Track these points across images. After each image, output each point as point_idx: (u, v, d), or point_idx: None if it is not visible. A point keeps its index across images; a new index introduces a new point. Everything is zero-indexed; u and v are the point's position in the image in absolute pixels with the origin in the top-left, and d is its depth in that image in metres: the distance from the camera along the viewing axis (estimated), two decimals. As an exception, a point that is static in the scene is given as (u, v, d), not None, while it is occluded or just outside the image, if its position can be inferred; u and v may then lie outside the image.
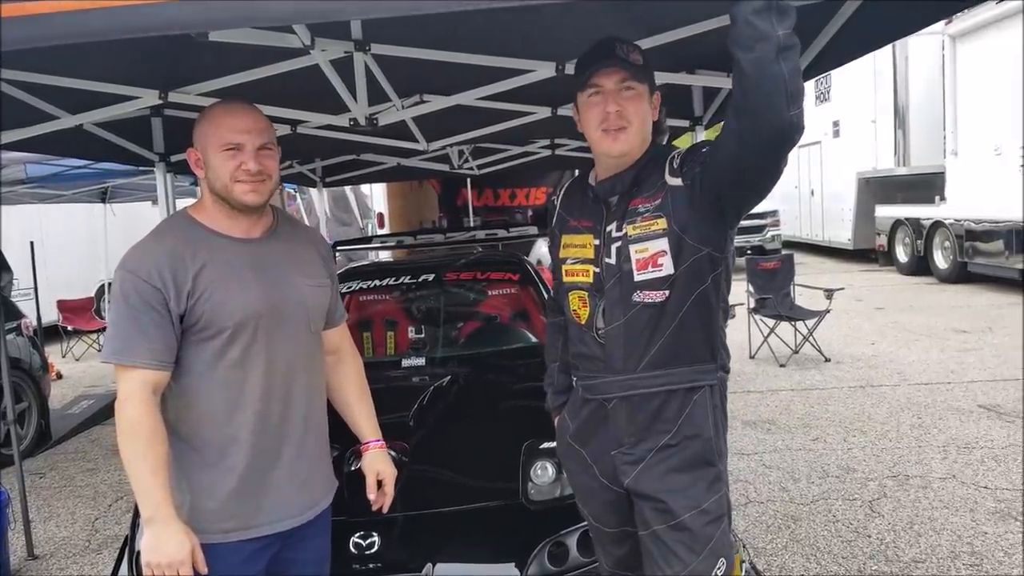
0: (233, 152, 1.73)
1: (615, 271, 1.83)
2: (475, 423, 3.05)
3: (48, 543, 4.15)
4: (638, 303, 1.81)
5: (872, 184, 14.30)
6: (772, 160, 1.58)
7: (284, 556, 1.87)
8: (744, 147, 1.56)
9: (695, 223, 1.76)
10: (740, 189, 1.70)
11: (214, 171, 1.74)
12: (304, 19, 1.55)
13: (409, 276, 4.36)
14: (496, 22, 2.48)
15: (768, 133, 1.51)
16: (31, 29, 1.15)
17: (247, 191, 1.75)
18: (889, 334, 8.29)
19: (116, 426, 1.68)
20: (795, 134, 1.50)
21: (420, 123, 3.74)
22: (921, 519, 3.76)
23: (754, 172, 1.63)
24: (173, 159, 3.95)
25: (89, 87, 2.69)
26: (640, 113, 1.81)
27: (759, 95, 1.46)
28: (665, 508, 1.81)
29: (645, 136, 1.85)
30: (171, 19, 1.07)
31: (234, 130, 1.74)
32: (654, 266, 1.78)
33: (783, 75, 1.44)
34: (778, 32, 1.42)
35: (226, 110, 1.77)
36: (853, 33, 2.38)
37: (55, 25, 1.14)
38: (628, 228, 1.82)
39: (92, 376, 8.75)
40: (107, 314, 1.90)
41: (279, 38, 2.24)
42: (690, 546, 1.79)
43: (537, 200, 13.31)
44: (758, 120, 1.49)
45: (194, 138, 1.77)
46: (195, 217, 1.80)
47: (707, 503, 1.81)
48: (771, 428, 5.29)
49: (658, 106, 1.87)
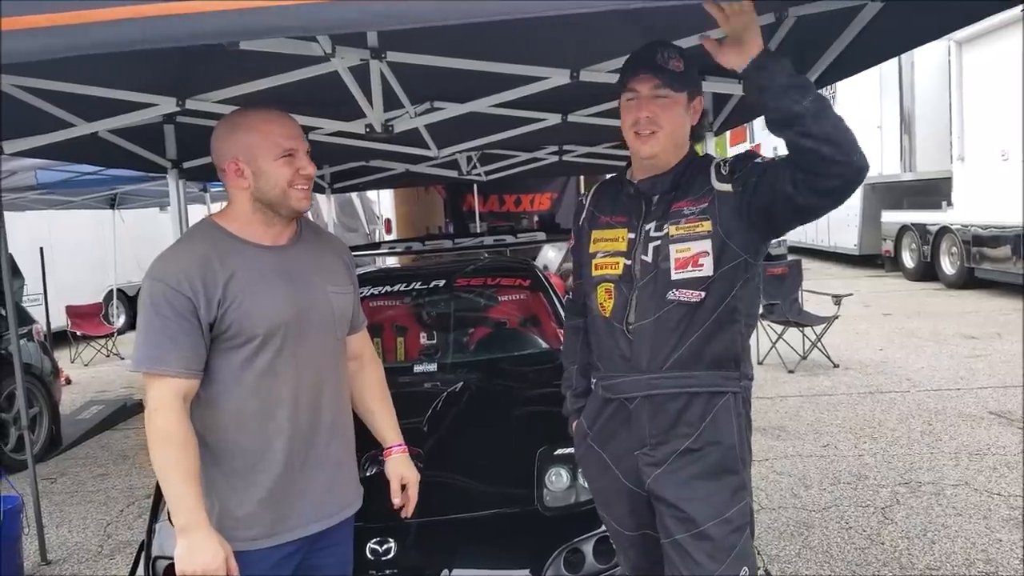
0: (289, 159, 1.75)
1: (650, 268, 1.86)
2: (488, 429, 3.05)
3: (61, 548, 4.16)
4: (672, 301, 1.83)
5: (878, 190, 14.27)
6: (834, 204, 1.67)
7: (308, 563, 1.87)
8: (808, 194, 1.64)
9: (740, 230, 1.81)
10: (792, 218, 1.77)
11: (269, 179, 1.74)
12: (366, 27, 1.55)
13: (420, 282, 4.37)
14: (510, 30, 2.49)
15: (835, 184, 1.60)
16: (69, 38, 1.16)
17: (302, 197, 1.78)
18: (897, 340, 8.27)
19: (147, 435, 1.67)
20: (860, 176, 1.59)
21: (432, 129, 3.76)
22: (935, 526, 3.75)
23: (817, 210, 1.71)
24: (186, 166, 3.98)
25: (107, 94, 2.71)
26: (672, 119, 1.85)
27: (813, 156, 1.56)
28: (687, 517, 1.81)
29: (678, 141, 1.90)
30: (211, 29, 1.08)
31: (287, 137, 1.76)
32: (695, 266, 1.82)
33: (825, 135, 1.54)
34: (804, 104, 1.53)
35: (270, 118, 1.77)
36: (868, 42, 2.39)
37: (92, 35, 1.15)
38: (671, 228, 1.85)
39: (101, 382, 8.77)
40: (137, 322, 1.93)
41: (303, 46, 2.25)
42: (712, 555, 1.79)
43: (542, 206, 13.34)
44: (824, 175, 1.58)
45: (232, 148, 1.74)
46: (221, 224, 1.80)
47: (730, 512, 1.82)
48: (780, 434, 5.28)
49: (700, 110, 1.92)
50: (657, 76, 1.81)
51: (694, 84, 1.88)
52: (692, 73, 1.86)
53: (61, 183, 6.89)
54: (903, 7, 2.10)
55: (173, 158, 3.86)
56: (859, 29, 2.31)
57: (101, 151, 3.68)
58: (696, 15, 2.40)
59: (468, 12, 1.20)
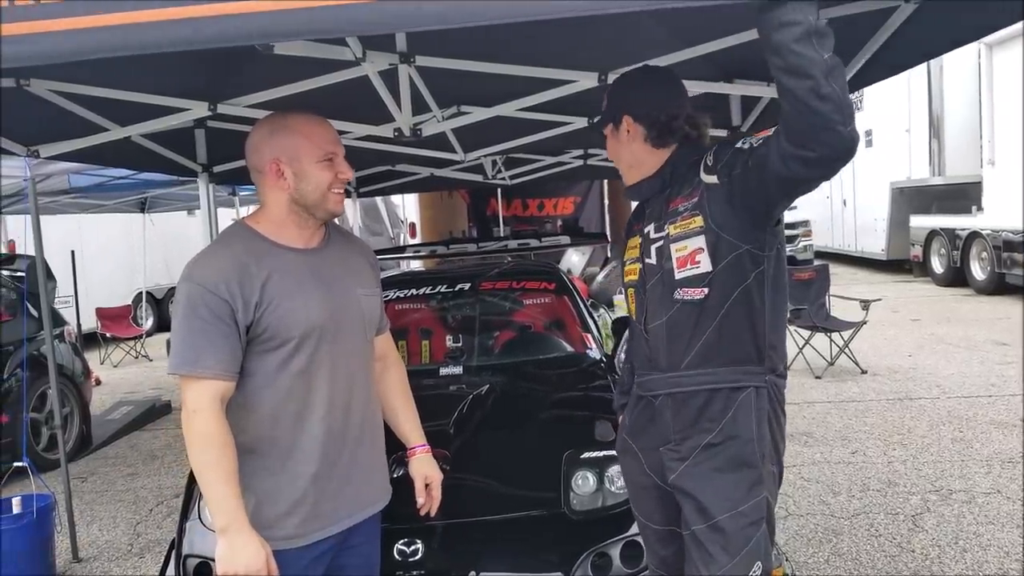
0: (329, 163, 1.78)
1: (656, 270, 1.90)
2: (514, 432, 3.05)
3: (92, 546, 4.22)
4: (679, 301, 1.85)
5: (906, 194, 14.11)
6: (824, 176, 1.62)
7: (336, 562, 1.89)
8: (797, 167, 1.58)
9: (732, 220, 1.79)
10: (786, 196, 1.77)
11: (311, 181, 1.76)
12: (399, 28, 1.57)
13: (445, 285, 4.39)
14: (538, 33, 2.50)
15: (830, 153, 1.53)
16: (105, 40, 1.18)
17: (339, 200, 1.82)
18: (927, 346, 8.16)
19: (186, 437, 1.68)
20: (854, 147, 1.52)
21: (458, 133, 3.77)
22: (966, 534, 3.69)
23: (804, 185, 1.68)
24: (216, 170, 4.02)
25: (141, 99, 2.75)
26: (615, 152, 2.03)
27: (814, 119, 1.48)
28: (703, 508, 1.83)
29: (635, 162, 1.99)
30: (245, 30, 1.09)
31: (328, 141, 1.79)
32: (692, 263, 1.83)
33: (835, 96, 1.45)
34: (824, 56, 1.43)
35: (313, 122, 1.80)
36: (901, 45, 2.35)
37: (128, 36, 1.17)
38: (670, 228, 1.88)
39: (130, 383, 8.89)
40: (173, 324, 1.95)
41: (334, 51, 2.27)
42: (725, 547, 1.80)
43: (565, 210, 13.32)
44: (819, 143, 1.51)
45: (274, 149, 1.76)
46: (254, 227, 1.82)
47: (745, 505, 1.82)
48: (808, 440, 5.23)
49: (632, 127, 1.96)
50: (595, 124, 2.08)
51: (610, 114, 2.00)
52: (612, 102, 2.01)
53: (93, 187, 7.01)
54: (940, 8, 2.06)
55: (203, 162, 3.90)
56: (892, 31, 2.28)
57: (134, 155, 3.74)
58: (725, 18, 2.41)
59: (502, 13, 1.21)
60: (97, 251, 11.05)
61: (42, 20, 1.17)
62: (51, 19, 1.17)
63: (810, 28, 1.41)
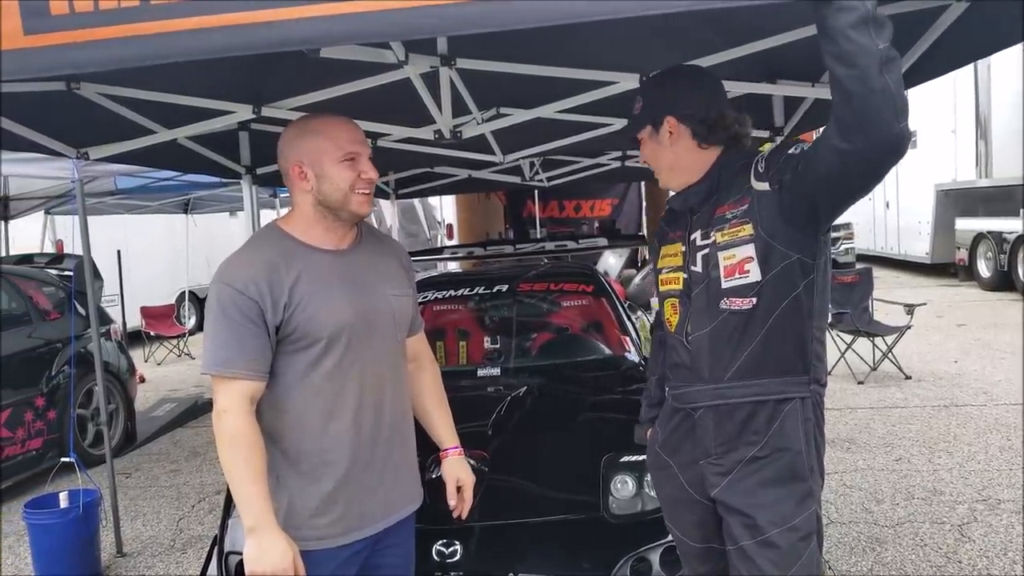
0: (351, 162, 1.78)
1: (702, 278, 1.84)
2: (553, 434, 3.04)
3: (135, 541, 4.30)
4: (725, 310, 1.80)
5: (952, 196, 13.78)
6: (877, 174, 1.57)
7: (370, 562, 1.89)
8: (849, 164, 1.53)
9: (784, 228, 1.74)
10: (836, 199, 1.70)
11: (332, 182, 1.77)
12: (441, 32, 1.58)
13: (483, 287, 4.39)
14: (579, 34, 2.49)
15: (877, 149, 1.48)
16: (160, 47, 1.20)
17: (363, 201, 1.81)
18: (973, 352, 7.96)
19: (216, 436, 1.71)
20: (904, 146, 1.47)
21: (497, 135, 3.78)
22: (1015, 545, 3.59)
23: (856, 184, 1.63)
24: (259, 172, 4.08)
25: (188, 102, 2.80)
26: (653, 156, 1.95)
27: (867, 111, 1.42)
28: (753, 523, 1.78)
29: (677, 165, 1.92)
30: (294, 35, 1.11)
31: (352, 141, 1.80)
32: (741, 273, 1.77)
33: (890, 88, 1.40)
34: (879, 45, 1.37)
35: (335, 123, 1.82)
36: (951, 44, 2.30)
37: (180, 42, 1.19)
38: (717, 235, 1.82)
39: (173, 380, 9.05)
40: (205, 325, 1.98)
41: (377, 54, 2.29)
42: (777, 563, 1.76)
43: (602, 212, 13.28)
44: (867, 137, 1.46)
45: (297, 152, 1.79)
46: (286, 229, 1.84)
47: (796, 519, 1.78)
48: (850, 447, 5.13)
49: (675, 127, 1.88)
50: (629, 127, 1.98)
51: (648, 116, 1.92)
52: (651, 104, 1.92)
53: (139, 188, 7.16)
54: (990, 8, 2.01)
55: (247, 164, 3.97)
56: (942, 31, 2.24)
57: (180, 157, 3.81)
58: (770, 18, 2.38)
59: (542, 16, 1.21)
60: (142, 251, 11.28)
61: (98, 28, 1.20)
62: (107, 26, 1.20)
63: (867, 15, 1.36)
